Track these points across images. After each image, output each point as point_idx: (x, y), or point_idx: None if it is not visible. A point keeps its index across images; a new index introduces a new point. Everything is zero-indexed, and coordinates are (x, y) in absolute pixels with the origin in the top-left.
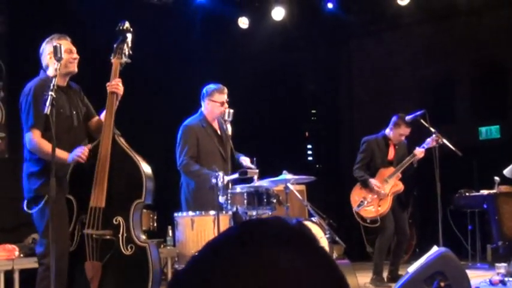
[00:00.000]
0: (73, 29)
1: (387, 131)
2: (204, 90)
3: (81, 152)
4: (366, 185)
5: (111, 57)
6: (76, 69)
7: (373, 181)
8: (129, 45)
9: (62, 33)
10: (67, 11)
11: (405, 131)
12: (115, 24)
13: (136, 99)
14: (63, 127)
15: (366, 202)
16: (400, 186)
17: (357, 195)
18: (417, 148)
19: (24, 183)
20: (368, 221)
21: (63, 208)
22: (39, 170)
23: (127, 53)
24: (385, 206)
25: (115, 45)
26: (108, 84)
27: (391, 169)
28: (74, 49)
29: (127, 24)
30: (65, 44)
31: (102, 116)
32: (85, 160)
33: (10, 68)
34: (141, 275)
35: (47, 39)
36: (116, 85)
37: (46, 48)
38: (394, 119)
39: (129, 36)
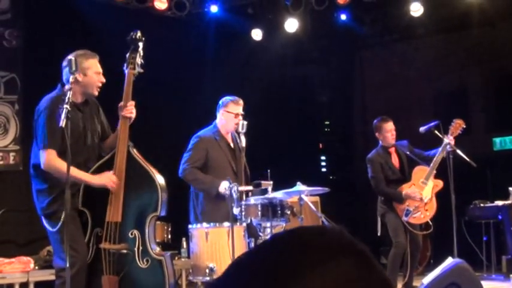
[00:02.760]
0: (87, 43)
1: (380, 141)
2: (220, 102)
3: (112, 182)
4: (401, 200)
5: (124, 68)
6: (97, 93)
7: (409, 191)
8: (141, 54)
9: (93, 52)
10: (81, 25)
11: (388, 126)
12: None
13: (150, 111)
14: (76, 145)
15: (411, 210)
16: (440, 184)
17: (400, 204)
18: (445, 140)
19: (34, 200)
20: (419, 227)
21: (77, 222)
22: (46, 188)
23: (139, 62)
24: (433, 209)
25: (127, 55)
26: (120, 105)
27: (425, 169)
28: (101, 71)
29: (139, 33)
30: (94, 65)
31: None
32: (116, 189)
33: (25, 82)
34: (158, 287)
35: (77, 53)
36: (130, 110)
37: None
38: (374, 125)
39: (141, 45)
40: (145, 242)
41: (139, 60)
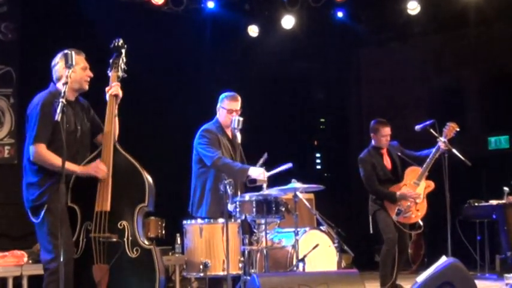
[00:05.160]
0: (83, 37)
1: (373, 141)
2: (220, 97)
3: (100, 169)
4: (394, 200)
5: (108, 71)
6: (87, 88)
7: (405, 191)
8: (124, 60)
9: (78, 49)
10: (78, 19)
11: (385, 131)
12: (127, 33)
13: (145, 107)
14: (67, 141)
15: (403, 210)
16: (432, 185)
17: (392, 204)
18: (439, 142)
19: (23, 193)
20: (408, 227)
21: (64, 215)
22: (37, 181)
23: (122, 67)
24: (424, 209)
25: (111, 61)
26: (107, 89)
27: (418, 170)
28: (88, 66)
29: (121, 41)
30: (81, 61)
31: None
32: (105, 176)
33: (20, 75)
34: (148, 276)
35: (63, 52)
36: (116, 88)
37: (62, 61)
38: (371, 125)
39: (124, 52)
40: (135, 232)
41: (122, 65)
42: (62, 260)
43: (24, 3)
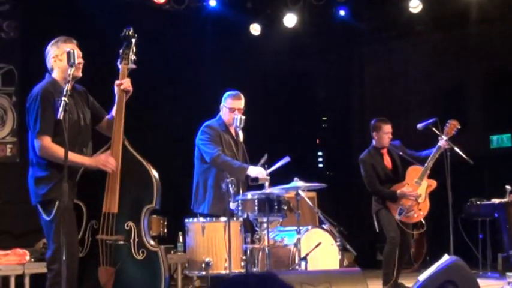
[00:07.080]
0: (85, 35)
1: (373, 141)
2: (223, 96)
3: (110, 163)
4: (395, 199)
5: (118, 63)
6: (80, 74)
7: (405, 190)
8: (134, 50)
9: (68, 36)
10: (79, 17)
11: (387, 128)
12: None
13: (148, 106)
14: (72, 131)
15: (405, 209)
16: (434, 184)
17: (394, 203)
18: (440, 141)
19: (30, 188)
20: (412, 227)
21: (71, 213)
22: (47, 175)
23: (132, 58)
24: (426, 208)
25: (121, 51)
26: (117, 83)
27: (419, 169)
28: (80, 53)
29: (131, 30)
30: (72, 48)
31: (113, 111)
32: (114, 170)
33: (22, 73)
34: (154, 279)
35: (53, 42)
36: (127, 83)
37: (51, 51)
38: (371, 124)
39: (134, 41)
40: (141, 234)
41: (132, 56)
42: (63, 258)
43: (26, 2)
